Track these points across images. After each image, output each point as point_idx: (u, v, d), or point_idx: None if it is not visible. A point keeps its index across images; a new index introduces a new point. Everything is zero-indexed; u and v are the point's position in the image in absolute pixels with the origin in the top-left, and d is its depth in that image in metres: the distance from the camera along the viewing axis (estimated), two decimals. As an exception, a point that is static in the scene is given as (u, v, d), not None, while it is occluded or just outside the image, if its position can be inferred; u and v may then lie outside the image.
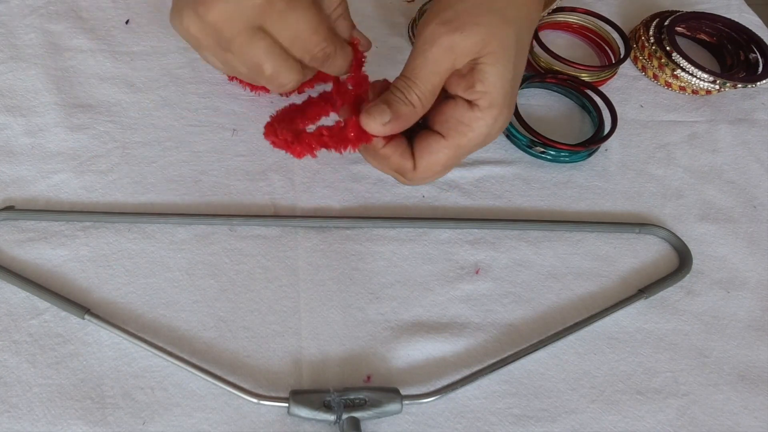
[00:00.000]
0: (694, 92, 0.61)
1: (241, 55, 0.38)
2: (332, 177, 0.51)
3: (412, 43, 0.47)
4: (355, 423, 0.38)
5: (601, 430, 0.41)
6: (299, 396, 0.39)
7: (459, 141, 0.39)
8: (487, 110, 0.38)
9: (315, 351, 0.42)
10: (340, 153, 0.40)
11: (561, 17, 0.64)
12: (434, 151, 0.39)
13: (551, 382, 0.43)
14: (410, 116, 0.38)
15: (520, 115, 0.53)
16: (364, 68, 0.43)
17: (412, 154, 0.40)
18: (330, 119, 0.44)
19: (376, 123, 0.38)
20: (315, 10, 0.37)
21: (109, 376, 0.40)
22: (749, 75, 0.61)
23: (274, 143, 0.41)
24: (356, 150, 0.40)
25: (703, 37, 0.66)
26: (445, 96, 0.40)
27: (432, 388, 0.41)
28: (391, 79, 0.40)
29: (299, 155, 0.40)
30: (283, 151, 0.41)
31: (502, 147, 0.55)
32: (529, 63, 0.60)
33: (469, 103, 0.38)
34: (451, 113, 0.39)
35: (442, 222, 0.49)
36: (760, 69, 0.61)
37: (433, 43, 0.37)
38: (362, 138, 0.39)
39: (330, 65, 0.40)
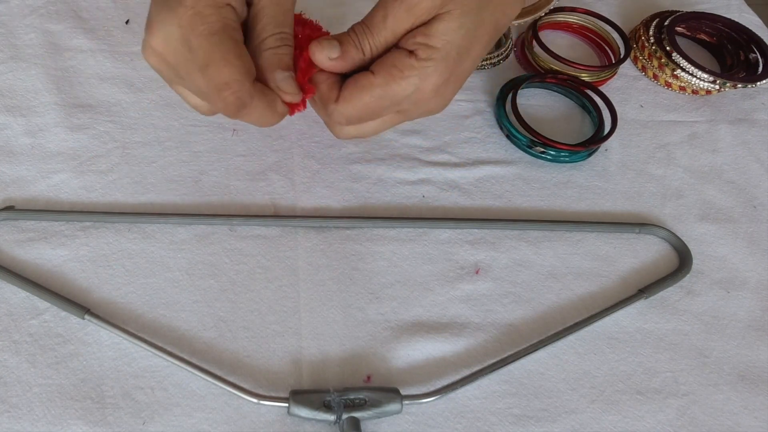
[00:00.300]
0: (694, 92, 0.61)
1: (188, 80, 0.37)
2: (332, 177, 0.51)
3: None
4: (355, 423, 0.38)
5: (601, 430, 0.41)
6: (299, 396, 0.39)
7: (387, 84, 0.38)
8: (423, 61, 0.37)
9: (315, 351, 0.42)
10: None
11: (561, 17, 0.64)
12: (360, 86, 0.38)
13: (551, 382, 0.43)
14: (356, 61, 0.39)
15: (520, 115, 0.53)
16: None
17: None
18: None
19: (323, 55, 0.38)
20: (241, 44, 0.36)
21: (109, 376, 0.40)
22: (749, 75, 0.61)
23: None
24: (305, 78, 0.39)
25: (703, 37, 0.66)
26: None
27: (432, 388, 0.41)
28: None
29: None
30: (283, 153, 0.41)
31: (502, 147, 0.55)
32: (529, 63, 0.60)
33: (409, 52, 0.38)
34: (389, 58, 0.38)
35: (442, 222, 0.49)
36: (760, 69, 0.61)
37: None
38: (310, 69, 0.39)
39: (246, 115, 0.38)
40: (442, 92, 0.39)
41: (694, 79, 0.59)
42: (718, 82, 0.59)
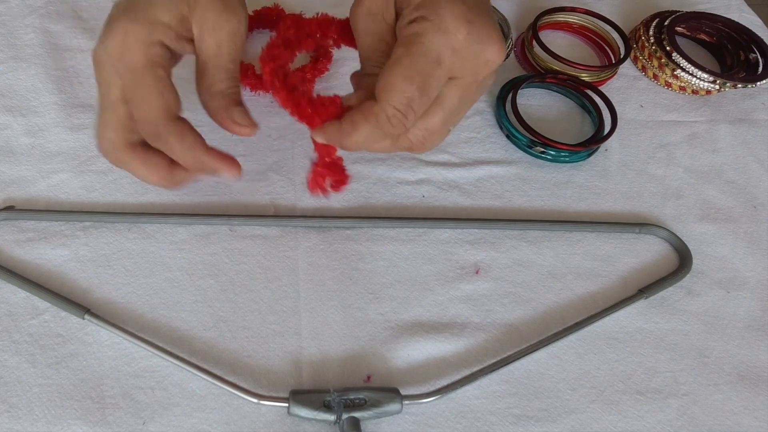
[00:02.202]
0: (694, 92, 0.61)
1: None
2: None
3: None
4: (355, 423, 0.38)
5: (601, 430, 0.41)
6: (299, 396, 0.39)
7: (409, 48, 0.35)
8: (428, 13, 0.35)
9: (315, 351, 0.42)
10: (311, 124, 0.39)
11: (561, 17, 0.64)
12: (389, 66, 0.35)
13: (551, 382, 0.43)
14: (363, 84, 0.39)
15: (520, 115, 0.53)
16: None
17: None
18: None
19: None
20: (165, 82, 0.37)
21: (109, 376, 0.40)
22: (749, 75, 0.61)
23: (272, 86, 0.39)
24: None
25: (703, 37, 0.66)
26: None
27: (432, 388, 0.41)
28: None
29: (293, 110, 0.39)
30: (283, 153, 0.41)
31: (502, 147, 0.55)
32: (529, 63, 0.60)
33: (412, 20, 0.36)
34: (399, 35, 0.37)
35: (442, 222, 0.49)
36: (760, 69, 0.61)
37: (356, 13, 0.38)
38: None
39: (162, 146, 0.38)
40: (478, 29, 0.35)
41: (694, 79, 0.59)
42: (718, 82, 0.59)
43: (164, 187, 0.41)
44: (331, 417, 0.38)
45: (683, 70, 0.59)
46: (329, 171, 0.40)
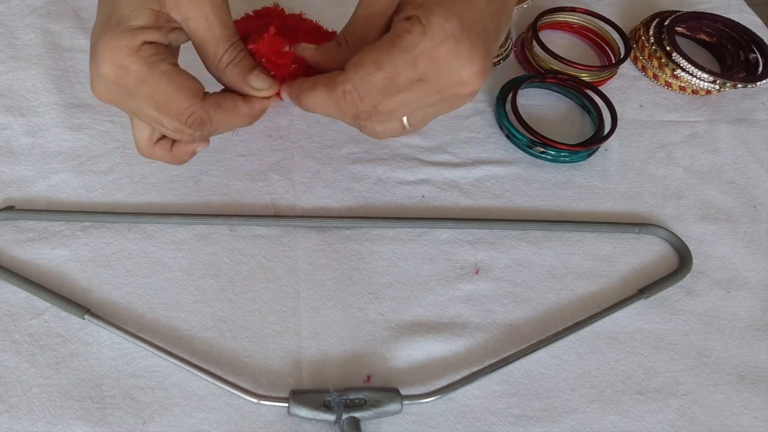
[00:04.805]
0: (694, 92, 0.61)
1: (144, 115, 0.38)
2: (332, 177, 0.51)
3: None
4: (355, 423, 0.38)
5: (601, 430, 0.41)
6: (299, 396, 0.39)
7: (392, 42, 0.35)
8: (419, 15, 0.35)
9: (315, 351, 0.42)
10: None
11: (561, 17, 0.64)
12: (366, 51, 0.36)
13: (551, 382, 0.43)
14: (334, 51, 0.39)
15: (520, 115, 0.53)
16: None
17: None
18: None
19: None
20: (174, 71, 0.36)
21: (109, 376, 0.40)
22: (749, 75, 0.61)
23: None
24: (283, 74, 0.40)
25: (703, 37, 0.66)
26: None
27: (432, 388, 0.41)
28: None
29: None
30: (283, 153, 0.41)
31: (502, 147, 0.55)
32: (529, 63, 0.60)
33: (406, 18, 0.36)
34: (391, 28, 0.37)
35: (442, 222, 0.49)
36: (760, 69, 0.61)
37: None
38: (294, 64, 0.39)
39: (213, 129, 0.39)
40: (461, 48, 0.35)
41: (694, 79, 0.59)
42: (718, 82, 0.59)
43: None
44: (331, 417, 0.38)
45: (683, 70, 0.59)
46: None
